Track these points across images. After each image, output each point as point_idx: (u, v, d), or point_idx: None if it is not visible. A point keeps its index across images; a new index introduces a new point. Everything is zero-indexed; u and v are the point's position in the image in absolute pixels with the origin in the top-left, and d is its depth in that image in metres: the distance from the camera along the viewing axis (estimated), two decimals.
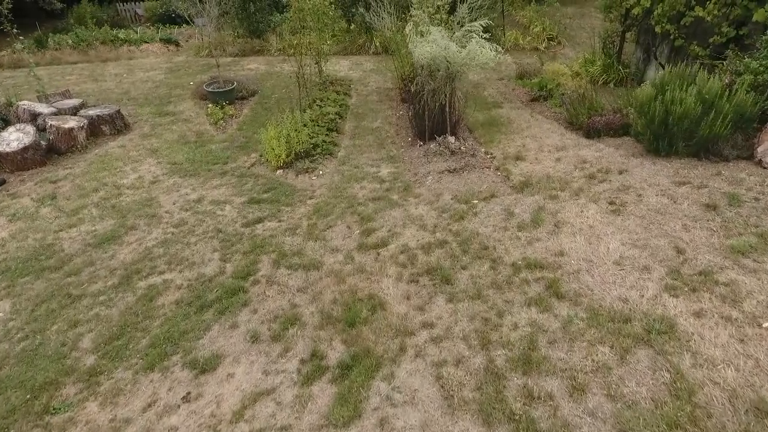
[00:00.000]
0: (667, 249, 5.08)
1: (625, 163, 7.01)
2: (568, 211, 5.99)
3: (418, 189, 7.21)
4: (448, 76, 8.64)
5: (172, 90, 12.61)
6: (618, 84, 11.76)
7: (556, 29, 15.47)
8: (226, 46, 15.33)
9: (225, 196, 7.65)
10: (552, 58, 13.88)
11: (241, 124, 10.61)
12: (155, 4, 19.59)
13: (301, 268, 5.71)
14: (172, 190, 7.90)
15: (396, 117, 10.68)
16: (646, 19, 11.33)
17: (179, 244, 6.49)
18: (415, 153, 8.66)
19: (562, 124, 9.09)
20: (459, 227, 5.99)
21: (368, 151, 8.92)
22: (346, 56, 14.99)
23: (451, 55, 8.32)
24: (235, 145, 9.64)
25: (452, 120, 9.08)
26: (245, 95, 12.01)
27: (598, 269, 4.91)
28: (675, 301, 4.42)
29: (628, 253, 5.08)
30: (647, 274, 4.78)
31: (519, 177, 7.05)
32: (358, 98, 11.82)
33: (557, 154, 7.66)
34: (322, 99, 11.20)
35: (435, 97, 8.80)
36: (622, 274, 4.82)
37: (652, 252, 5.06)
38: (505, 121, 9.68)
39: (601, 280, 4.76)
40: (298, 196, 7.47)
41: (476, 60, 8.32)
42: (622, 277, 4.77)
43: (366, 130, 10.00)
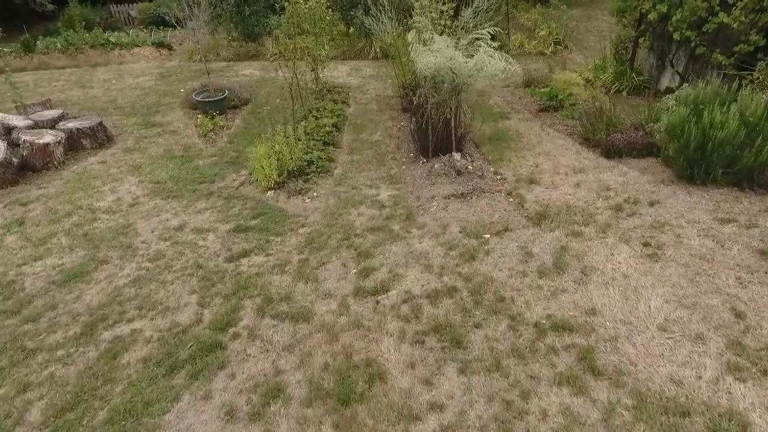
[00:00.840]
0: (722, 311, 4.21)
1: (655, 192, 6.13)
2: (595, 253, 5.12)
3: (422, 217, 6.34)
4: (453, 89, 7.76)
5: (161, 98, 11.71)
6: (632, 92, 10.90)
7: (562, 33, 14.56)
8: (219, 50, 14.43)
9: (209, 222, 6.78)
10: (559, 64, 12.99)
11: (232, 137, 9.73)
12: (149, 5, 18.65)
13: (289, 319, 4.84)
14: (152, 215, 7.03)
15: (397, 129, 9.80)
16: (661, 24, 10.43)
17: (153, 283, 5.63)
18: (417, 172, 7.78)
19: (577, 139, 8.21)
20: (470, 270, 5.12)
21: (367, 169, 8.04)
22: (344, 61, 14.09)
23: (457, 66, 7.44)
24: (224, 160, 8.76)
25: (458, 135, 8.22)
26: (238, 104, 11.13)
27: (641, 336, 4.04)
28: (743, 388, 3.55)
29: (675, 315, 4.20)
30: (702, 344, 3.91)
31: (535, 205, 6.17)
32: (356, 107, 10.93)
33: (575, 177, 6.78)
34: (318, 109, 10.32)
35: (439, 111, 7.93)
36: (670, 343, 3.95)
37: (704, 314, 4.18)
38: (514, 135, 8.79)
39: (645, 350, 3.89)
40: (289, 223, 6.60)
41: (484, 71, 7.44)
42: (671, 348, 3.90)
43: (365, 143, 9.12)
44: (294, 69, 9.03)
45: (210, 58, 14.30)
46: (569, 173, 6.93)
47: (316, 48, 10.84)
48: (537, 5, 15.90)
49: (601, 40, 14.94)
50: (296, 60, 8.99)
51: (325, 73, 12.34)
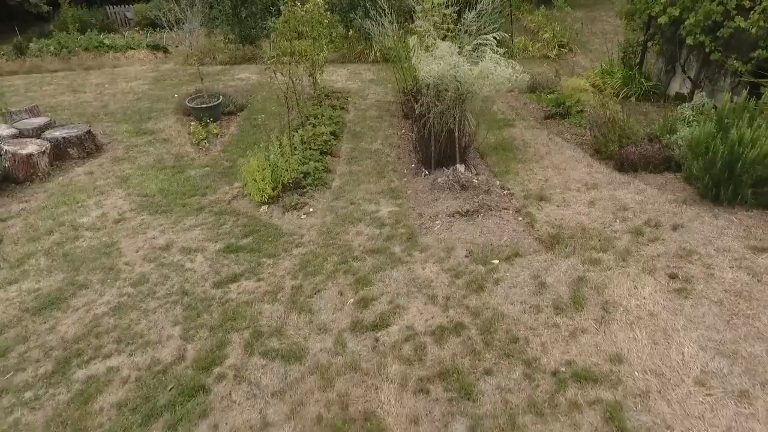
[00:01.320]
0: (767, 362, 3.69)
1: (677, 213, 5.61)
2: (616, 285, 4.61)
3: (425, 237, 5.83)
4: (457, 98, 7.24)
5: (154, 104, 11.19)
6: (641, 98, 10.38)
7: (567, 35, 14.02)
8: (216, 54, 13.90)
9: (198, 241, 6.27)
10: (564, 67, 12.46)
11: (226, 145, 9.22)
12: (145, 7, 18.10)
13: (280, 358, 4.34)
14: (138, 233, 6.52)
15: (397, 136, 9.28)
16: (672, 28, 9.90)
17: (135, 312, 5.13)
18: (419, 185, 7.26)
19: (587, 150, 7.70)
20: (478, 302, 4.61)
21: (366, 181, 7.53)
22: (343, 64, 13.57)
23: (462, 74, 6.93)
24: (216, 171, 8.25)
25: (461, 145, 7.70)
26: (233, 110, 10.61)
27: (675, 391, 3.53)
28: None
29: (713, 366, 3.69)
30: (748, 404, 3.40)
31: (546, 226, 5.66)
32: (356, 113, 10.41)
33: (589, 194, 6.27)
34: (316, 116, 9.80)
35: (442, 120, 7.42)
36: (710, 402, 3.44)
37: (747, 366, 3.67)
38: (520, 144, 8.28)
39: (681, 410, 3.38)
40: (283, 242, 6.09)
41: (490, 79, 6.93)
42: (712, 408, 3.39)
43: (364, 152, 8.61)
44: (290, 75, 8.51)
45: (206, 61, 13.78)
46: (581, 189, 6.41)
47: (314, 52, 10.32)
48: (540, 7, 15.36)
49: (606, 42, 14.41)
50: (293, 65, 8.47)
51: (324, 77, 11.82)
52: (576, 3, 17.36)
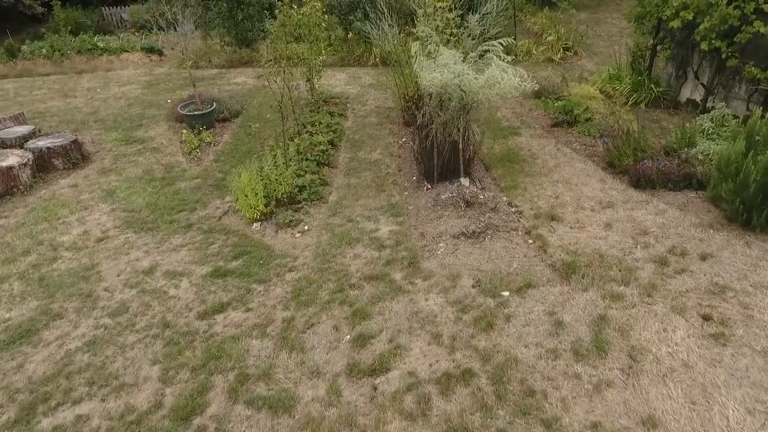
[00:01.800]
0: None
1: (704, 240, 5.09)
2: (643, 327, 4.09)
3: (428, 262, 5.31)
4: (462, 108, 6.71)
5: (146, 109, 10.66)
6: (650, 105, 9.84)
7: (571, 38, 13.47)
8: (211, 57, 13.35)
9: (184, 263, 5.75)
10: (569, 71, 11.93)
11: (219, 154, 8.69)
12: (141, 8, 17.55)
13: (267, 407, 3.83)
14: (121, 253, 6.00)
15: (398, 145, 8.75)
16: (684, 32, 9.36)
17: (111, 348, 4.62)
18: (421, 200, 6.74)
19: (599, 163, 7.18)
20: (488, 344, 4.09)
21: (365, 195, 7.01)
22: (342, 68, 13.02)
23: (466, 82, 6.40)
24: (208, 183, 7.73)
25: (466, 157, 7.17)
26: (227, 116, 10.08)
27: None
28: None
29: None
30: None
31: (560, 252, 5.13)
32: (354, 120, 9.88)
33: (604, 214, 5.75)
34: (313, 123, 9.27)
35: (445, 131, 6.89)
36: None
37: None
38: (527, 155, 7.75)
39: None
40: (275, 266, 5.57)
41: (497, 89, 6.40)
42: None
43: (363, 163, 8.08)
44: (285, 82, 7.97)
45: (201, 64, 13.25)
46: (596, 208, 5.89)
47: (311, 56, 9.78)
48: (544, 9, 14.80)
49: (612, 45, 13.88)
50: (288, 72, 7.94)
51: (322, 81, 11.29)
52: (580, 4, 16.81)
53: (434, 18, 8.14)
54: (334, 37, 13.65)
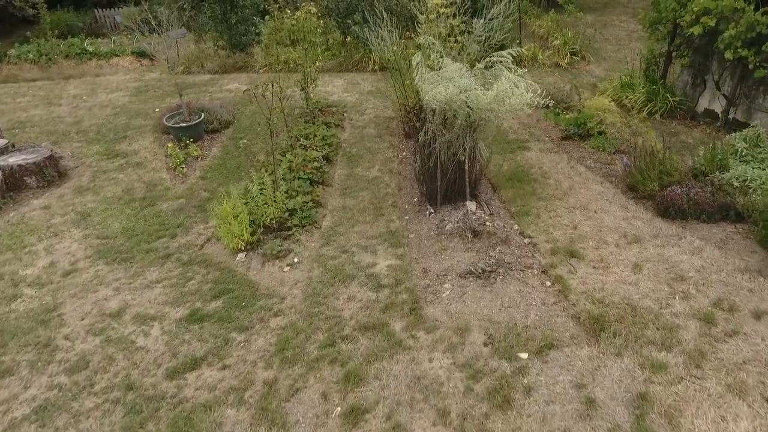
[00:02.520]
0: None
1: (755, 291, 4.34)
2: (696, 413, 3.33)
3: (432, 308, 4.56)
4: (468, 125, 5.93)
5: (132, 119, 9.87)
6: (666, 115, 9.06)
7: (579, 42, 12.66)
8: (204, 61, 12.55)
9: (157, 304, 5.00)
10: (577, 77, 11.17)
11: (207, 170, 7.92)
12: (134, 10, 16.71)
13: None
14: (88, 291, 5.25)
15: (398, 160, 7.98)
16: (704, 39, 8.56)
17: (63, 416, 3.87)
18: (423, 227, 5.98)
19: (617, 185, 6.43)
20: (505, 428, 3.31)
21: (362, 220, 6.25)
22: (340, 73, 12.22)
23: (474, 98, 5.61)
24: (192, 203, 6.97)
25: (472, 177, 6.39)
26: (217, 127, 9.31)
27: None
28: None
29: None
30: None
31: (584, 300, 4.37)
32: (352, 132, 9.10)
33: (631, 251, 4.99)
34: (307, 136, 8.49)
35: (450, 150, 6.12)
36: None
37: None
38: (538, 173, 6.98)
39: None
40: (258, 308, 4.82)
41: (507, 105, 5.62)
42: None
43: (360, 181, 7.31)
44: (277, 95, 7.18)
45: (193, 70, 12.46)
46: (621, 243, 5.12)
47: (306, 63, 8.99)
48: (550, 11, 13.99)
49: (621, 49, 13.09)
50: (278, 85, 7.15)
51: (318, 88, 10.51)
52: (585, 6, 15.98)
53: (437, 24, 7.35)
54: (332, 41, 12.84)
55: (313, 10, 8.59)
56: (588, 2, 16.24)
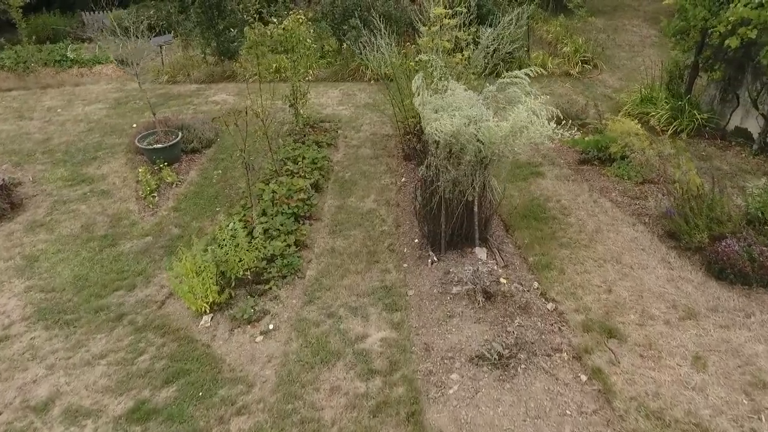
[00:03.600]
0: None
1: None
2: None
3: (436, 413, 3.45)
4: (479, 161, 4.78)
5: (105, 137, 8.73)
6: (693, 134, 7.90)
7: (590, 49, 11.46)
8: (190, 70, 11.38)
9: (96, 391, 3.90)
10: (589, 87, 10.02)
11: (181, 199, 6.80)
12: (123, 13, 15.52)
13: None
14: (16, 369, 4.15)
15: (396, 187, 6.86)
16: (739, 52, 7.40)
17: None
18: (425, 281, 4.86)
19: (652, 227, 5.36)
20: None
21: (353, 270, 5.15)
22: (335, 83, 11.05)
23: (486, 131, 4.46)
24: (159, 243, 5.88)
25: (482, 218, 5.25)
26: (198, 146, 8.17)
27: None
28: None
29: None
30: None
31: (635, 414, 3.28)
32: (346, 152, 7.96)
33: (686, 333, 3.87)
34: (295, 159, 7.36)
35: (456, 188, 4.98)
36: None
37: None
38: (557, 209, 5.85)
39: None
40: (219, 402, 3.71)
41: (525, 136, 4.48)
42: None
43: (353, 214, 6.20)
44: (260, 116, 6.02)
45: (179, 79, 11.30)
46: (671, 319, 3.99)
47: (295, 77, 7.84)
48: (559, 16, 12.77)
49: (634, 57, 11.90)
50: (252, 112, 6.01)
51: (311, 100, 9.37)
52: (594, 9, 14.76)
53: (440, 37, 6.18)
54: (327, 47, 11.66)
55: (302, 18, 7.41)
56: (597, 5, 15.02)
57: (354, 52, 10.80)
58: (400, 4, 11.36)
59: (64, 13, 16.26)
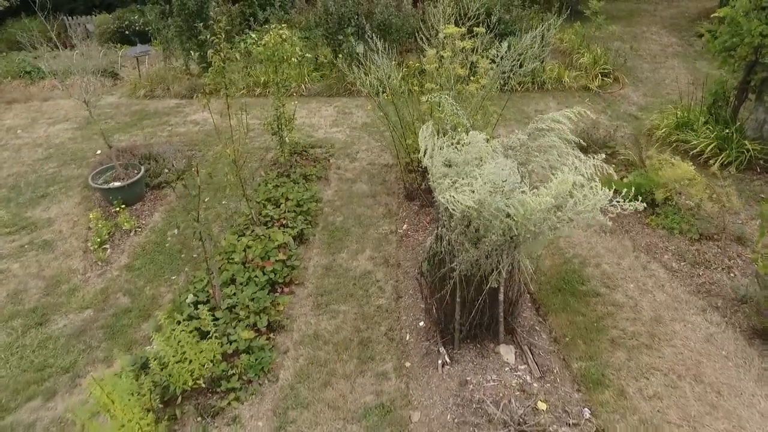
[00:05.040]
0: None
1: None
2: None
3: None
4: (507, 242, 3.32)
5: (63, 167, 7.30)
6: (743, 168, 6.46)
7: (611, 60, 9.97)
8: (170, 84, 9.89)
9: None
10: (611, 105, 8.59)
11: (138, 254, 5.38)
12: (107, 17, 14.02)
13: None
14: None
15: (397, 238, 5.48)
16: None
17: None
18: (434, 397, 3.47)
19: (729, 317, 3.83)
20: None
21: (340, 373, 3.77)
22: (330, 99, 9.58)
23: (519, 206, 2.99)
24: (100, 321, 4.51)
25: (508, 303, 3.81)
26: (166, 180, 6.69)
27: None
28: None
29: None
30: None
31: None
32: (338, 188, 6.52)
33: None
34: (277, 201, 5.94)
35: (476, 269, 3.54)
36: None
37: None
38: (597, 278, 4.44)
39: None
40: None
41: (571, 210, 3.01)
42: None
43: (343, 280, 4.80)
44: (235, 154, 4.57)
45: (157, 93, 9.82)
46: None
47: (279, 101, 6.39)
48: (575, 23, 11.24)
49: (657, 68, 10.40)
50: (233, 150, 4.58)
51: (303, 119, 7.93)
52: (609, 14, 13.20)
53: (452, 62, 4.69)
54: (321, 58, 10.18)
55: (286, 33, 5.93)
56: (611, 10, 13.48)
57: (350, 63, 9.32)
58: (402, 10, 9.85)
59: (46, 18, 14.71)
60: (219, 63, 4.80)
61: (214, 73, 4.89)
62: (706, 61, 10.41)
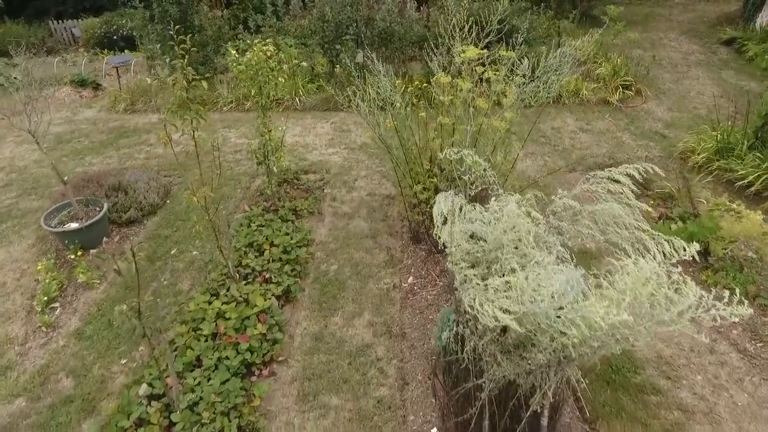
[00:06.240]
0: None
1: None
2: None
3: None
4: (553, 359, 2.16)
5: (22, 197, 6.21)
6: None
7: (632, 71, 8.84)
8: (152, 97, 8.78)
9: None
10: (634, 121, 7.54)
11: (92, 316, 4.36)
12: (95, 22, 12.88)
13: None
14: None
15: (401, 295, 4.40)
16: None
17: None
18: None
19: None
20: None
21: None
22: (327, 114, 8.47)
23: (581, 320, 1.81)
24: (31, 418, 3.38)
25: (548, 417, 2.68)
26: (136, 216, 5.63)
27: None
28: None
29: None
30: None
31: None
32: (333, 225, 5.45)
33: None
34: (260, 247, 4.85)
35: (512, 391, 2.41)
36: None
37: None
38: (654, 364, 3.46)
39: None
40: None
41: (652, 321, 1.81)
42: None
43: (336, 358, 3.76)
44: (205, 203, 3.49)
45: (138, 107, 8.70)
46: None
47: (263, 127, 5.31)
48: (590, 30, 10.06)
49: (680, 79, 9.28)
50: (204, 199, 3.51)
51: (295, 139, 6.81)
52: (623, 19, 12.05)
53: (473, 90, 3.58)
54: (318, 69, 9.06)
55: (270, 50, 4.83)
56: (626, 15, 12.31)
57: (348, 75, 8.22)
58: (405, 16, 8.72)
59: (31, 23, 13.61)
60: (181, 93, 3.66)
61: (174, 106, 3.74)
62: (734, 71, 9.28)
